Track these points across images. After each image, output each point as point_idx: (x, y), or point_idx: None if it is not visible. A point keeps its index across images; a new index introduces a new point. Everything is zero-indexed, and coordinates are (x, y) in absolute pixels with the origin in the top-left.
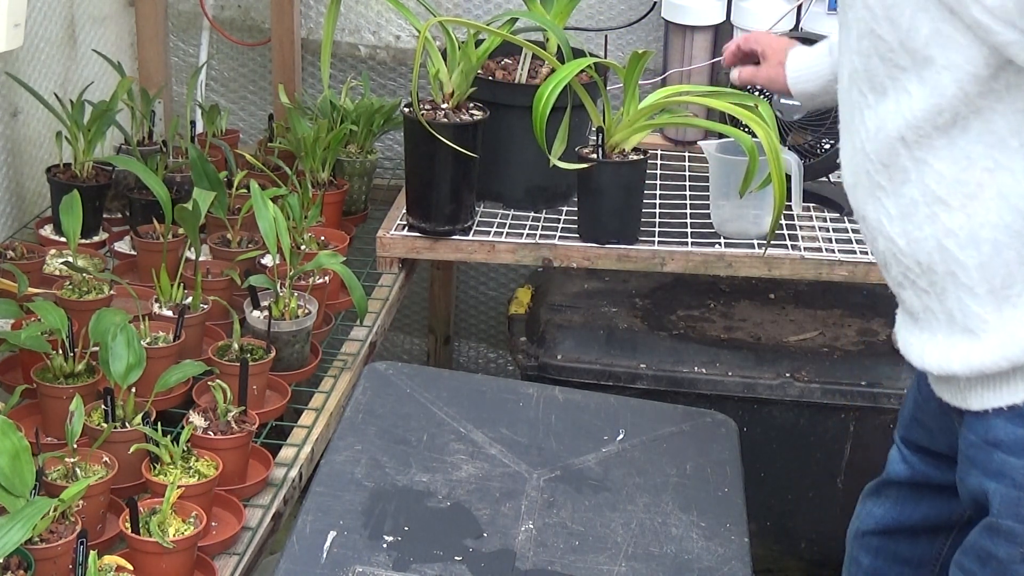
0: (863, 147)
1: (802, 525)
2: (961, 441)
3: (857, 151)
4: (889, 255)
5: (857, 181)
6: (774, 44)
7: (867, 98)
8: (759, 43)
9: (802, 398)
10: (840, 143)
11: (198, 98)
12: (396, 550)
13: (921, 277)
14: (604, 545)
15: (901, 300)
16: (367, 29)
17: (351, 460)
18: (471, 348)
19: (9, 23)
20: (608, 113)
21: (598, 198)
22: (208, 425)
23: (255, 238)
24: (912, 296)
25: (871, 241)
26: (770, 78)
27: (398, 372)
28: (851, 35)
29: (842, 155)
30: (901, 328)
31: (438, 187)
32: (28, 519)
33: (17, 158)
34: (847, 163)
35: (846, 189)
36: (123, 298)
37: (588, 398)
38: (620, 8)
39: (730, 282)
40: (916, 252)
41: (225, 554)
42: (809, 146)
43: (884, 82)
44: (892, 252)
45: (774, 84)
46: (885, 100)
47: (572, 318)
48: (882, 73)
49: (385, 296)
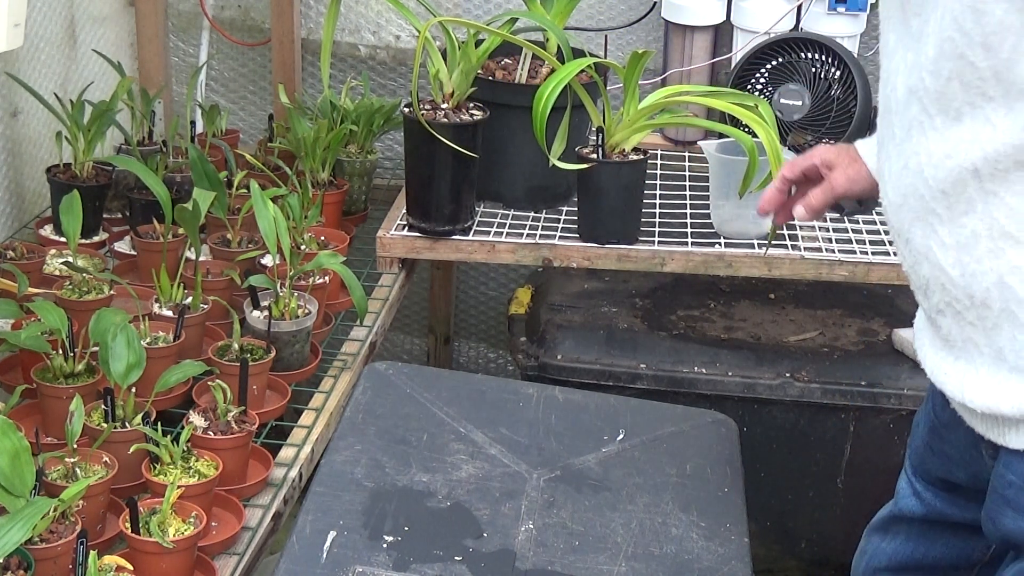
0: (920, 170)
1: (802, 525)
2: (995, 479)
3: (910, 171)
4: (934, 283)
5: (905, 202)
6: (827, 150)
7: (933, 120)
8: (810, 158)
9: (802, 398)
10: (882, 155)
11: (198, 98)
12: (396, 550)
13: (970, 310)
14: (604, 545)
15: (936, 325)
16: (367, 29)
17: (351, 460)
18: (471, 348)
19: (9, 23)
20: (608, 113)
21: (598, 198)
22: (208, 425)
23: (255, 238)
24: (952, 325)
25: (913, 264)
26: (851, 179)
27: (398, 372)
28: (924, 49)
29: (885, 169)
30: (930, 350)
31: (438, 187)
32: (28, 519)
33: (17, 158)
34: (894, 180)
35: (887, 205)
36: (123, 298)
37: (588, 398)
38: (620, 8)
39: (730, 282)
40: (971, 285)
41: (225, 554)
42: (809, 146)
43: (961, 108)
44: (939, 281)
45: (858, 183)
46: (958, 126)
47: (572, 318)
48: (960, 99)
49: (385, 296)
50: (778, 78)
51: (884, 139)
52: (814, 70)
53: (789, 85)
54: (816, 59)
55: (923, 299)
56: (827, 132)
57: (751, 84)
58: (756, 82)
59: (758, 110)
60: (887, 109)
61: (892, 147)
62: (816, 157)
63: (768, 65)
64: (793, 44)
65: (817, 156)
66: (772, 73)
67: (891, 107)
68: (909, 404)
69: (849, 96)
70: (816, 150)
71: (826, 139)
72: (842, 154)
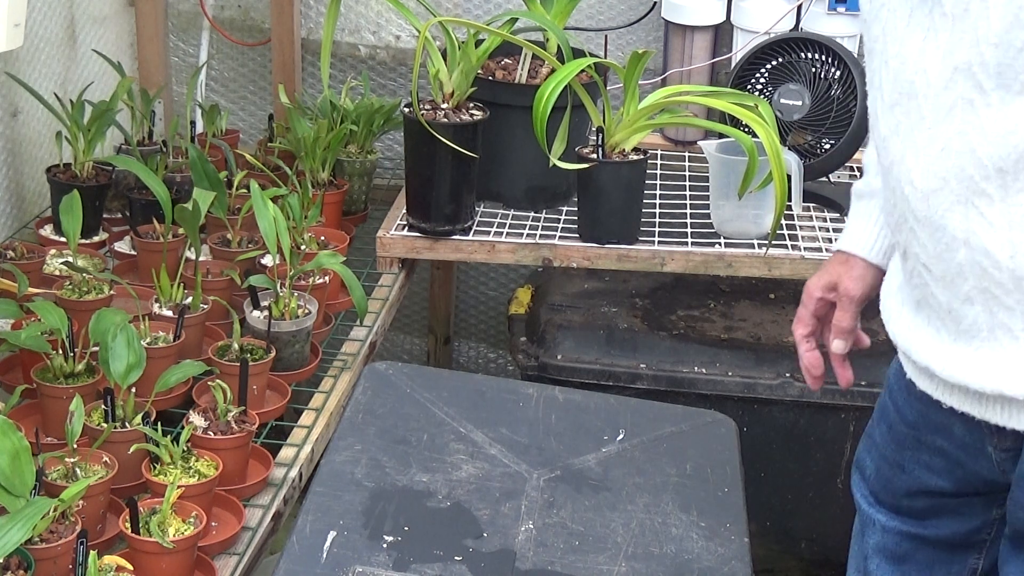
0: (970, 149)
1: (802, 525)
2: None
3: (952, 153)
4: (971, 268)
5: (944, 186)
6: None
7: (987, 96)
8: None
9: (802, 398)
10: (896, 145)
11: (198, 98)
12: (396, 550)
13: (1012, 294)
14: (604, 545)
15: (957, 316)
16: (367, 29)
17: (351, 460)
18: (471, 348)
19: (9, 23)
20: (608, 113)
21: (598, 198)
22: (208, 425)
23: (255, 238)
24: (981, 312)
25: (942, 252)
26: (858, 279)
27: (398, 372)
28: (980, 24)
29: (909, 157)
30: (935, 344)
31: (438, 187)
32: (28, 519)
33: (17, 158)
34: (929, 165)
35: (911, 194)
36: (123, 298)
37: (588, 398)
38: (620, 8)
39: (730, 282)
40: (1021, 266)
41: (225, 554)
42: (809, 146)
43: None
44: (980, 266)
45: (866, 278)
46: (1020, 100)
47: (572, 318)
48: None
49: (385, 296)
50: (778, 78)
51: (901, 128)
52: (814, 70)
53: (789, 85)
54: (816, 59)
55: (944, 289)
56: (827, 132)
57: (751, 84)
58: (756, 82)
59: (758, 110)
60: (907, 95)
61: (919, 133)
62: (811, 294)
63: (768, 65)
64: (793, 44)
65: (811, 292)
66: (772, 73)
67: (915, 91)
68: None
69: (849, 96)
70: (805, 289)
71: (826, 139)
72: (831, 268)
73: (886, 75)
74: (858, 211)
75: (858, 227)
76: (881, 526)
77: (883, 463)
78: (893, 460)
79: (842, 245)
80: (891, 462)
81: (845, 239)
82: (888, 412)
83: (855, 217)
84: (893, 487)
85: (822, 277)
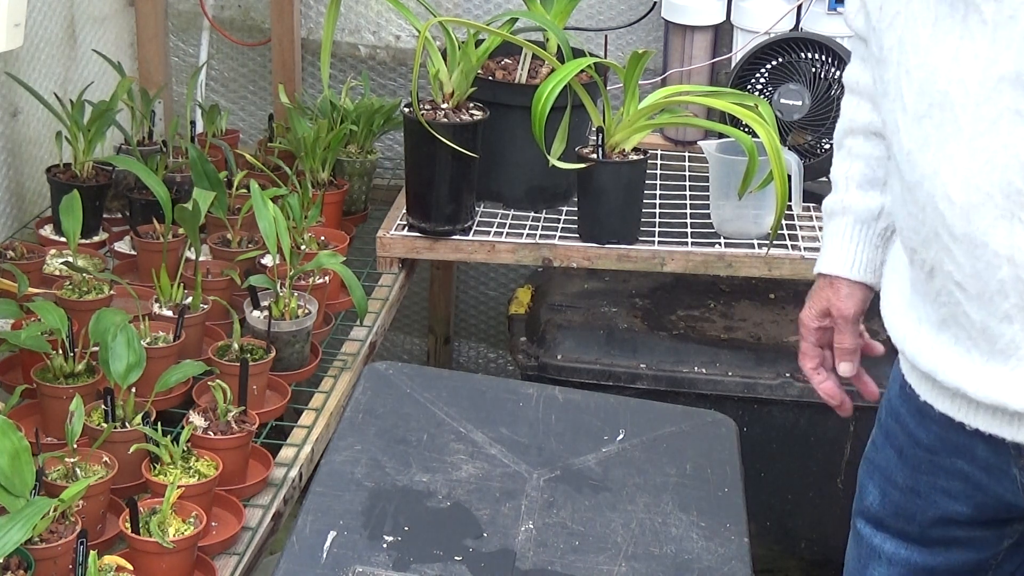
0: (1020, 162)
1: (802, 525)
2: None
3: (997, 167)
4: (1013, 285)
5: (988, 201)
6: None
7: None
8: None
9: (802, 398)
10: (927, 159)
11: (198, 98)
12: (396, 550)
13: None
14: (604, 545)
15: (993, 335)
16: (367, 29)
17: (351, 460)
18: (471, 348)
19: (9, 23)
20: (608, 113)
21: (598, 198)
22: (208, 425)
23: (255, 238)
24: (1020, 331)
25: (982, 269)
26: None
27: (398, 372)
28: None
29: (950, 171)
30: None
31: (438, 187)
32: (28, 519)
33: (17, 158)
34: (969, 179)
35: (950, 209)
36: (123, 298)
37: (588, 398)
38: (620, 8)
39: (730, 282)
40: None
41: (225, 554)
42: (809, 146)
43: None
44: None
45: (854, 294)
46: None
47: (572, 318)
48: None
49: (385, 296)
50: (778, 78)
51: (932, 140)
52: (814, 70)
53: (789, 85)
54: (816, 59)
55: (979, 308)
56: (827, 132)
57: (751, 84)
58: (756, 82)
59: (758, 110)
60: (939, 106)
61: (956, 146)
62: (807, 326)
63: (768, 65)
64: (793, 44)
65: (806, 323)
66: (772, 73)
67: (949, 102)
68: None
69: None
70: (800, 323)
71: (826, 139)
72: (818, 295)
73: (908, 86)
74: (832, 230)
75: (835, 247)
76: (888, 558)
77: (892, 489)
78: (905, 486)
79: (822, 268)
80: (903, 488)
81: (824, 261)
82: (895, 436)
83: (830, 237)
84: (906, 513)
85: (812, 306)
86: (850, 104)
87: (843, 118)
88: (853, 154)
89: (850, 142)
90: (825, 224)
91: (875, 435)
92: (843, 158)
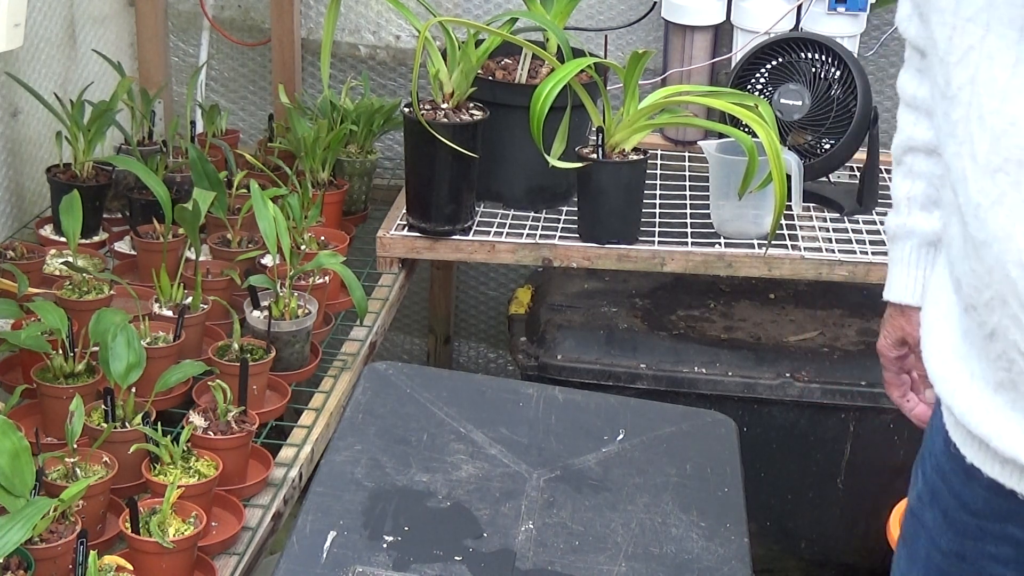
0: None
1: (802, 525)
2: None
3: None
4: None
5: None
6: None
7: None
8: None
9: (802, 398)
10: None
11: (198, 98)
12: (396, 550)
13: None
14: (604, 545)
15: None
16: (367, 29)
17: (351, 460)
18: (471, 348)
19: (9, 23)
20: (608, 113)
21: (598, 198)
22: (208, 425)
23: (255, 238)
24: None
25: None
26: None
27: (398, 372)
28: None
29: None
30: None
31: (438, 187)
32: (28, 519)
33: (17, 158)
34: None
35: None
36: (123, 298)
37: (588, 398)
38: (620, 8)
39: (730, 282)
40: None
41: (225, 554)
42: (809, 146)
43: None
44: None
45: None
46: None
47: (572, 318)
48: None
49: (385, 296)
50: (778, 78)
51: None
52: (814, 70)
53: (789, 85)
54: (816, 59)
55: None
56: (827, 132)
57: (751, 84)
58: (756, 82)
59: (758, 110)
60: (1017, 163)
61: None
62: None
63: (768, 65)
64: (793, 44)
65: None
66: (772, 73)
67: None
68: None
69: (849, 96)
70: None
71: (826, 139)
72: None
73: (981, 133)
74: (897, 255)
75: (901, 273)
76: None
77: (936, 552)
78: (950, 550)
79: (891, 296)
80: (947, 552)
81: (892, 289)
82: (942, 496)
83: (895, 262)
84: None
85: (888, 335)
86: (908, 119)
87: (901, 133)
88: (914, 173)
89: (910, 160)
90: (889, 247)
91: (920, 489)
92: (903, 176)
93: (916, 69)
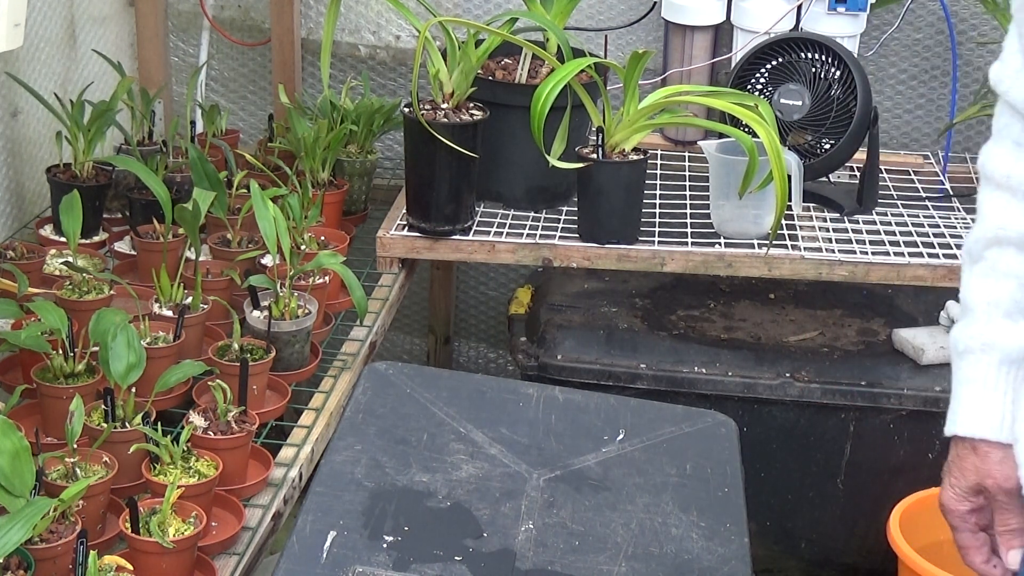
0: None
1: (802, 525)
2: None
3: None
4: None
5: None
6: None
7: None
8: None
9: (802, 398)
10: None
11: (198, 98)
12: (396, 550)
13: None
14: (604, 545)
15: None
16: (367, 29)
17: (351, 460)
18: (471, 348)
19: (9, 23)
20: (608, 113)
21: (598, 198)
22: (208, 425)
23: (255, 238)
24: None
25: None
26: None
27: (398, 372)
28: None
29: None
30: None
31: (438, 187)
32: (28, 519)
33: (17, 158)
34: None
35: None
36: (123, 298)
37: (588, 398)
38: (620, 8)
39: (730, 282)
40: None
41: (225, 554)
42: (809, 146)
43: None
44: None
45: (1008, 466)
46: None
47: (572, 318)
48: None
49: (385, 296)
50: (778, 78)
51: None
52: (814, 70)
53: (789, 85)
54: (816, 59)
55: None
56: (827, 132)
57: (751, 84)
58: (756, 82)
59: (758, 110)
60: None
61: None
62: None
63: (768, 65)
64: (793, 44)
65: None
66: (772, 73)
67: None
68: (909, 404)
69: (849, 96)
70: (945, 510)
71: (826, 139)
72: (963, 467)
73: None
74: (969, 374)
75: (975, 399)
76: None
77: None
78: None
79: (961, 429)
80: None
81: (963, 420)
82: None
83: (967, 383)
84: None
85: (956, 483)
86: (996, 203)
87: (985, 222)
88: (999, 271)
89: (996, 255)
90: (956, 365)
91: None
92: (984, 275)
93: (1015, 143)
